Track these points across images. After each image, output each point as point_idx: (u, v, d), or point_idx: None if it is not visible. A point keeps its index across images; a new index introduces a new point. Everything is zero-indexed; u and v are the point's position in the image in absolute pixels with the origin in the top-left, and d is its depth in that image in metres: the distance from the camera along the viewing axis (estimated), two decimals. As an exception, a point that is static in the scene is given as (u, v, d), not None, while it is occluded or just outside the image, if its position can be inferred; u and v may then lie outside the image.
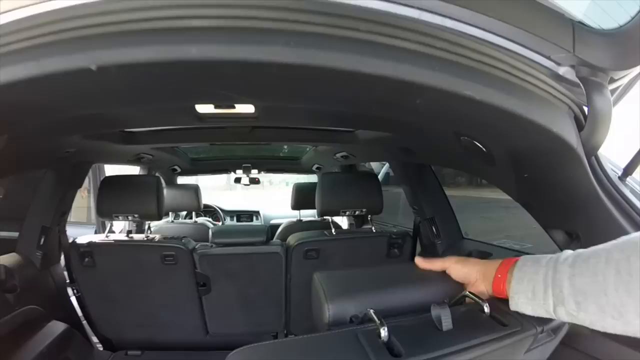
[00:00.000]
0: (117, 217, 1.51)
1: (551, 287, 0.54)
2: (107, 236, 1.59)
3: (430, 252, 1.63)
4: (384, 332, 0.52)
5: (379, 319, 0.53)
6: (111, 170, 2.62)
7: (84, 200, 2.92)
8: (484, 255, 1.31)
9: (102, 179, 1.61)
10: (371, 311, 0.55)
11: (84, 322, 1.74)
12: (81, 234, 1.80)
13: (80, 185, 1.70)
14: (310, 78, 0.53)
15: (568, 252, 0.56)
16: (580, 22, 0.60)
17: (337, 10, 0.46)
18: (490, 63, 0.54)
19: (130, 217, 1.50)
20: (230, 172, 2.78)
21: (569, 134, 0.60)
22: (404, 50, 0.49)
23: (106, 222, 2.41)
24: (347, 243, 1.63)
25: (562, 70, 0.61)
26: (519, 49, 0.57)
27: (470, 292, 0.64)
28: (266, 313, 1.69)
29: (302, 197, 2.26)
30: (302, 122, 1.36)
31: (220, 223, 3.30)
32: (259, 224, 3.42)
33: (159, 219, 1.55)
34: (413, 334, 0.55)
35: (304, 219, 2.45)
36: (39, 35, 0.47)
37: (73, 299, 1.70)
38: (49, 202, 1.56)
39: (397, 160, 1.74)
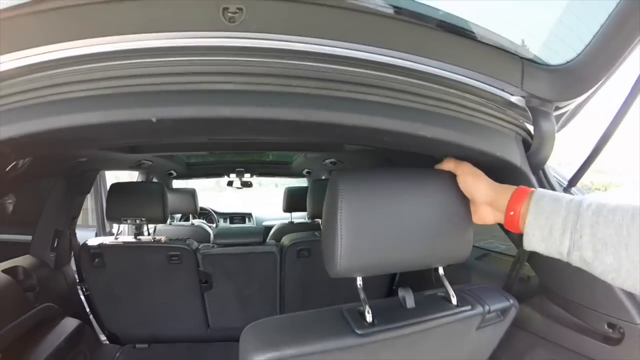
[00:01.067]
0: (126, 220, 1.65)
1: (570, 231, 0.54)
2: (116, 238, 1.72)
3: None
4: (364, 307, 0.66)
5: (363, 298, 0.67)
6: (109, 175, 2.73)
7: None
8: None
9: (109, 185, 1.73)
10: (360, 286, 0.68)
11: (92, 318, 1.86)
12: (83, 236, 1.93)
13: (88, 191, 1.83)
14: (305, 126, 0.68)
15: (590, 199, 0.55)
16: (532, 60, 0.72)
17: (324, 75, 0.61)
18: (442, 106, 0.67)
19: (137, 220, 1.64)
20: (223, 175, 2.93)
21: (513, 155, 0.73)
22: (374, 104, 0.63)
23: (107, 226, 2.54)
24: None
25: (514, 99, 0.74)
26: (476, 83, 0.71)
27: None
28: (262, 308, 1.85)
29: (293, 201, 2.43)
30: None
31: (214, 225, 3.43)
32: (253, 225, 3.56)
33: (164, 222, 1.70)
34: (384, 310, 0.69)
35: (295, 221, 2.62)
36: (107, 86, 0.58)
37: (82, 298, 1.83)
38: (60, 207, 1.68)
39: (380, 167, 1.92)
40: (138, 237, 1.73)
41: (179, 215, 3.14)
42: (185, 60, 0.58)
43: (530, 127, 0.76)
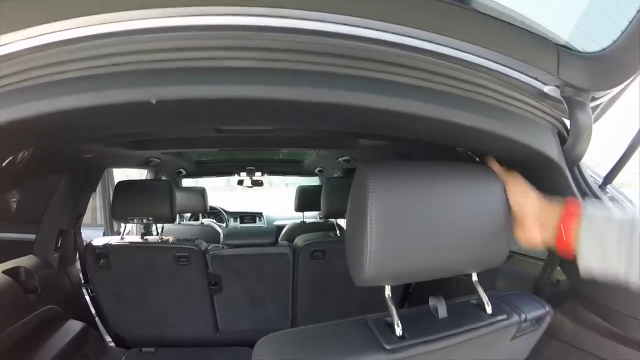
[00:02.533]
0: (132, 220, 1.58)
1: (625, 254, 0.52)
2: (122, 238, 1.66)
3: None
4: (394, 319, 0.59)
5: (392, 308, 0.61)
6: (120, 173, 2.69)
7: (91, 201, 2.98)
8: None
9: (116, 183, 1.67)
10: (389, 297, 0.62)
11: (97, 320, 1.80)
12: (90, 236, 1.87)
13: (94, 190, 1.76)
14: (327, 110, 0.60)
15: None
16: (566, 47, 0.67)
17: (352, 52, 0.54)
18: (478, 91, 0.62)
19: (145, 220, 1.57)
20: (234, 174, 2.86)
21: (550, 148, 0.68)
22: (406, 86, 0.56)
23: (115, 225, 2.49)
24: None
25: (548, 89, 0.69)
26: (509, 72, 0.65)
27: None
28: (274, 311, 1.77)
29: (305, 200, 2.33)
30: (311, 134, 1.44)
31: (224, 224, 3.37)
32: (263, 225, 3.49)
33: (173, 221, 1.63)
34: (414, 321, 0.63)
35: (308, 221, 2.53)
36: (100, 65, 0.51)
37: (87, 299, 1.77)
38: (65, 206, 1.62)
39: None
40: (145, 238, 1.66)
41: (188, 215, 3.08)
42: (189, 35, 0.51)
43: (566, 121, 0.71)
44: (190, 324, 1.76)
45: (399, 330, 0.59)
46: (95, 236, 1.92)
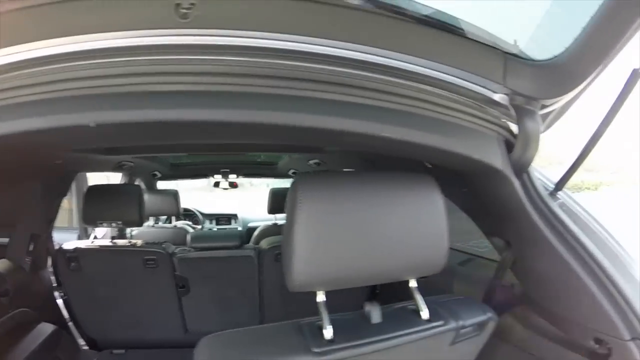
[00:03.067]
0: (102, 223, 1.63)
1: None
2: (92, 242, 1.70)
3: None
4: (323, 323, 0.62)
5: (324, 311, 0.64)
6: (91, 176, 2.71)
7: (66, 203, 2.99)
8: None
9: (86, 187, 1.71)
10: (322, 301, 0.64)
11: (70, 323, 1.84)
12: (66, 239, 1.91)
13: (65, 194, 1.80)
14: (254, 128, 0.64)
15: None
16: (515, 55, 0.67)
17: (276, 73, 0.56)
18: (411, 104, 0.62)
19: (113, 224, 1.62)
20: (209, 176, 2.91)
21: (494, 158, 0.69)
22: (329, 102, 0.58)
23: (89, 228, 2.51)
24: None
25: (497, 97, 0.69)
26: (452, 79, 0.66)
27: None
28: (242, 312, 1.83)
29: (277, 202, 2.41)
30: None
31: (199, 226, 3.42)
32: (237, 227, 3.54)
33: (140, 225, 1.68)
34: (347, 325, 0.65)
35: (280, 222, 2.59)
36: (46, 91, 0.54)
37: (60, 302, 1.81)
38: (37, 210, 1.65)
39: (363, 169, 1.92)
40: (114, 241, 1.71)
41: (164, 217, 3.12)
42: (125, 60, 0.54)
43: (514, 127, 0.72)
44: (159, 325, 1.81)
45: (327, 334, 0.61)
46: (69, 239, 1.95)
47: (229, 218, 3.62)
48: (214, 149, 1.77)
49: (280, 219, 2.61)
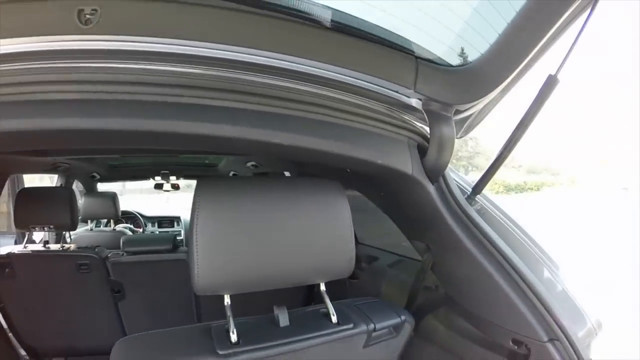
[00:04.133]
0: (34, 228, 1.59)
1: None
2: (25, 247, 1.63)
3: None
4: (230, 326, 0.63)
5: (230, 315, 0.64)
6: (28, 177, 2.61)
7: (3, 205, 2.85)
8: (371, 259, 1.42)
9: (18, 190, 1.68)
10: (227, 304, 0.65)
11: (10, 334, 1.77)
12: (4, 243, 1.85)
13: None
14: (147, 136, 0.61)
15: None
16: (428, 60, 0.67)
17: (163, 80, 0.55)
18: (309, 110, 0.62)
19: (46, 228, 1.59)
20: (148, 178, 2.86)
21: (403, 163, 0.69)
22: (219, 109, 0.58)
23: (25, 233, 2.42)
24: None
25: (411, 101, 0.70)
26: (365, 85, 0.66)
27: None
28: (177, 318, 1.78)
29: None
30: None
31: (141, 230, 3.31)
32: (180, 229, 3.50)
33: (74, 229, 1.66)
34: (254, 328, 0.67)
35: None
36: None
37: None
38: None
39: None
40: (47, 246, 1.69)
41: (105, 220, 3.04)
42: (16, 69, 0.53)
43: (428, 132, 0.72)
44: (98, 332, 1.75)
45: (233, 337, 0.63)
46: (5, 244, 1.89)
47: (171, 220, 3.54)
48: (145, 150, 1.78)
49: None
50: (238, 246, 0.61)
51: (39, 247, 1.73)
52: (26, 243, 1.69)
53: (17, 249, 1.67)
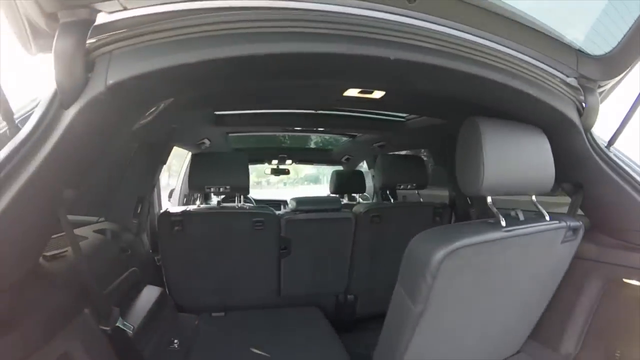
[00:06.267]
0: (209, 189, 1.66)
1: None
2: (198, 206, 1.73)
3: (464, 220, 1.95)
4: (500, 219, 0.94)
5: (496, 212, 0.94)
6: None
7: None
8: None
9: (189, 156, 1.75)
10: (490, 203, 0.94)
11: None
12: None
13: (165, 162, 1.84)
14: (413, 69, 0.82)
15: None
16: (580, 50, 0.97)
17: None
18: (523, 69, 0.88)
19: (221, 189, 1.65)
20: (264, 162, 2.99)
21: (574, 116, 0.97)
22: (477, 60, 0.82)
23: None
24: (403, 210, 1.95)
25: (569, 80, 0.99)
26: (543, 66, 0.94)
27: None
28: (332, 275, 1.92)
29: (341, 183, 2.49)
30: (401, 107, 1.65)
31: None
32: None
33: (248, 191, 1.72)
34: (510, 219, 0.96)
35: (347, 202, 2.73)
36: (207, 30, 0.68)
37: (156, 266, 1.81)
38: (143, 174, 1.68)
39: (439, 146, 2.05)
40: (223, 204, 1.75)
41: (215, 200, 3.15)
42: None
43: (582, 100, 1.01)
44: (253, 289, 1.85)
45: (503, 222, 0.91)
46: None
47: (278, 204, 3.67)
48: (308, 122, 1.87)
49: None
50: (514, 161, 0.92)
51: (213, 205, 1.79)
52: (200, 203, 1.75)
53: (192, 207, 1.75)
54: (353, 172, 2.69)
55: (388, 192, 1.98)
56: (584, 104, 1.00)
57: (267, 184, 5.76)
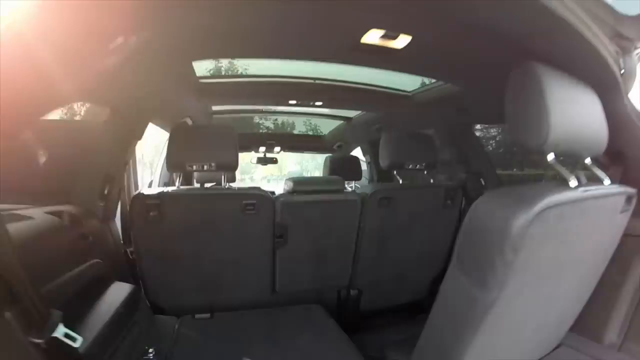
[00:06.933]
0: (192, 166, 1.39)
1: None
2: (178, 187, 1.45)
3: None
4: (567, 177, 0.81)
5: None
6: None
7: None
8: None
9: (170, 130, 1.47)
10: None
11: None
12: None
13: (140, 137, 1.56)
14: None
15: None
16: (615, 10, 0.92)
17: None
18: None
19: (205, 167, 1.39)
20: (252, 150, 2.75)
21: (617, 75, 0.91)
22: None
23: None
24: (413, 192, 1.73)
25: (607, 42, 0.93)
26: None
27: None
28: (335, 267, 1.68)
29: (334, 168, 2.29)
30: (421, 67, 1.44)
31: None
32: None
33: (234, 170, 1.47)
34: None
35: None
36: None
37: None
38: (112, 149, 1.40)
39: (447, 123, 1.89)
40: (206, 185, 1.48)
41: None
42: None
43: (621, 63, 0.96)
44: (244, 286, 1.58)
45: (572, 183, 0.78)
46: None
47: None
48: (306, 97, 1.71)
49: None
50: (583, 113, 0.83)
51: (195, 187, 1.52)
52: (179, 184, 1.47)
53: (169, 189, 1.45)
54: (349, 157, 2.47)
55: (395, 172, 1.76)
56: (622, 69, 0.94)
57: (250, 180, 5.62)
